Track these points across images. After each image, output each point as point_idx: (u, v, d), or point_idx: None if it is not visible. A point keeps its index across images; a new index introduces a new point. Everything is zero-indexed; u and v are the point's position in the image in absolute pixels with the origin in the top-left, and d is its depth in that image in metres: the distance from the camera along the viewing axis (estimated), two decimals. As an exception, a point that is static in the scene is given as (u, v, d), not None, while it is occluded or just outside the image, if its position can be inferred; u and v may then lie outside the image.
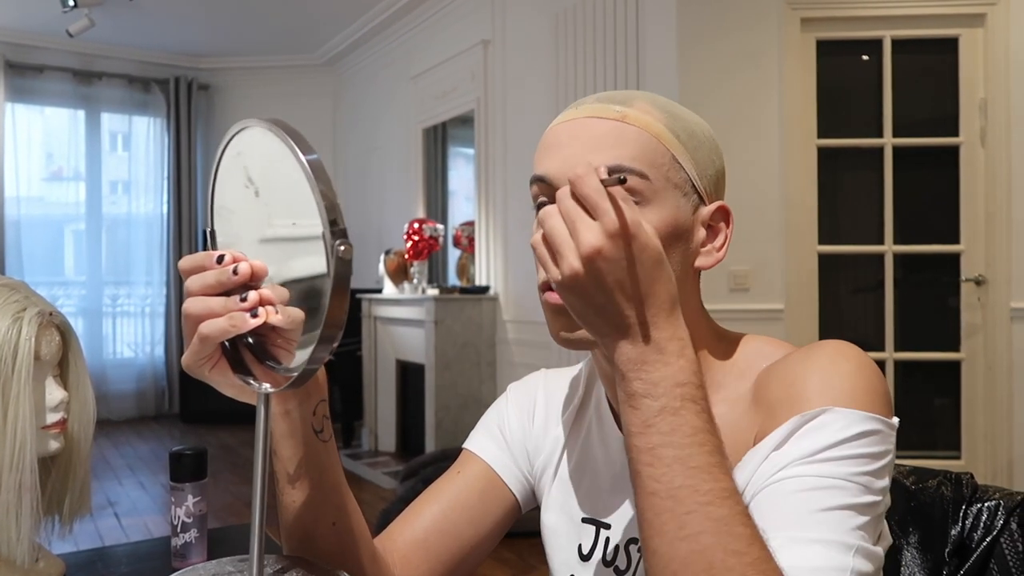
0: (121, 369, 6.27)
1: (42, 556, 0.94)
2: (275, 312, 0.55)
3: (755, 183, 3.12)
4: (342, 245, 0.51)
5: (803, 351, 0.67)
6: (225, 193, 0.61)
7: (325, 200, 0.51)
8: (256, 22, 5.67)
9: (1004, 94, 3.11)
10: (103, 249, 6.25)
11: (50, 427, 0.92)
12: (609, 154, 0.65)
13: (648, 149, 0.66)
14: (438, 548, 0.79)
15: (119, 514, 3.74)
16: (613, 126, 0.66)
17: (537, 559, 2.96)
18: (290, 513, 0.69)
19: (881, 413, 0.60)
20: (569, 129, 0.68)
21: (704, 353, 0.71)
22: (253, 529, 0.58)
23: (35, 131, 6.07)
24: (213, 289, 0.56)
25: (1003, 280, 3.11)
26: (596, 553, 0.75)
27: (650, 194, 0.65)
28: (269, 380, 0.59)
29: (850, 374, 0.62)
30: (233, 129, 0.58)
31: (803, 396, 0.62)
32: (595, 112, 0.68)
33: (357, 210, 6.36)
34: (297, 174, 0.52)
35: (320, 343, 0.53)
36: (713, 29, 3.19)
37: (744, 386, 0.70)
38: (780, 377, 0.65)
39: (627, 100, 0.68)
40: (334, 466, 0.70)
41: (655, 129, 0.66)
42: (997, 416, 3.12)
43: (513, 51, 4.27)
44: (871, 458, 0.58)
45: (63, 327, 0.95)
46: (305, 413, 0.67)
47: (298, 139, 0.53)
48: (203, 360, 0.58)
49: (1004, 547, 0.79)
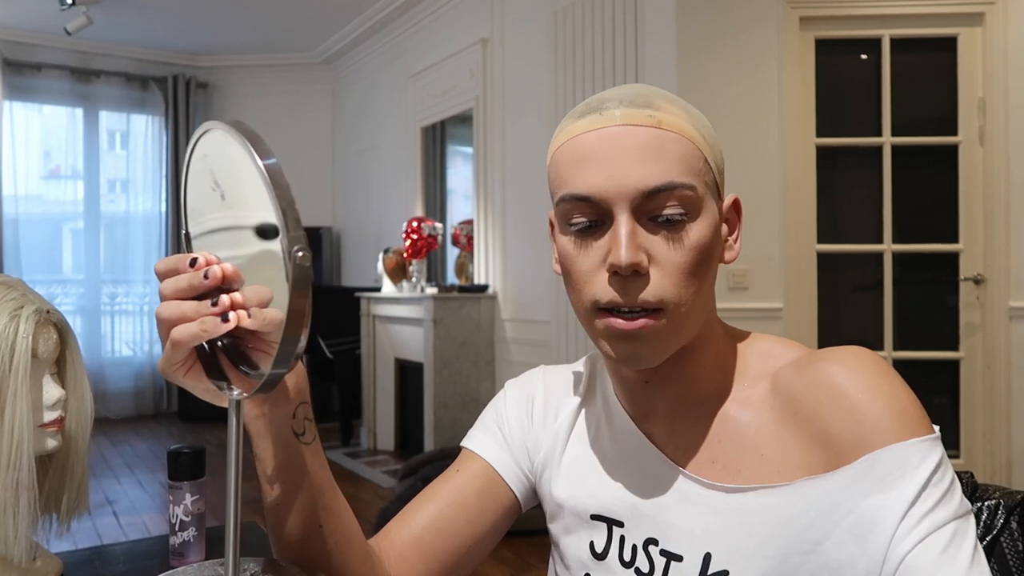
0: (119, 368, 6.27)
1: (40, 555, 0.94)
2: (247, 316, 0.54)
3: (754, 182, 3.11)
4: (300, 251, 0.50)
5: (834, 361, 0.66)
6: (195, 196, 0.61)
7: (282, 205, 0.50)
8: (255, 20, 5.67)
9: (1003, 93, 3.11)
10: (101, 247, 6.24)
11: (47, 425, 0.92)
12: (657, 168, 0.63)
13: (688, 156, 0.65)
14: (435, 548, 0.78)
15: (117, 513, 3.73)
16: (651, 134, 0.64)
17: (536, 558, 2.96)
18: (275, 516, 0.69)
19: (930, 427, 0.63)
20: (603, 140, 0.64)
21: (717, 351, 0.72)
22: (228, 534, 0.58)
23: (33, 129, 6.06)
24: (186, 293, 0.56)
25: (1002, 279, 3.12)
26: (612, 552, 0.74)
27: (698, 203, 0.65)
28: (243, 385, 0.58)
29: (899, 392, 0.63)
30: (198, 131, 0.58)
31: (872, 427, 0.62)
32: (627, 119, 0.64)
33: (356, 209, 6.36)
34: (257, 178, 0.52)
35: (280, 352, 0.52)
36: (712, 28, 3.18)
37: (762, 388, 0.69)
38: (832, 401, 0.64)
39: (651, 102, 0.66)
40: (319, 468, 0.70)
41: (689, 132, 0.65)
42: (996, 415, 3.12)
43: (512, 50, 4.27)
44: (952, 482, 0.62)
45: (60, 325, 0.94)
46: (283, 416, 0.66)
47: (256, 143, 0.52)
48: (177, 365, 0.58)
49: (1004, 546, 0.79)
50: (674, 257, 0.64)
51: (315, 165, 6.70)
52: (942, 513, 0.60)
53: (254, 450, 0.67)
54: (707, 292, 0.68)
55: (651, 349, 0.66)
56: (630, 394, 0.75)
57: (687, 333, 0.67)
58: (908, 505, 0.60)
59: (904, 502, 0.60)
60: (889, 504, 0.61)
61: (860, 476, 0.62)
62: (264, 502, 0.69)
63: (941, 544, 0.59)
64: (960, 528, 0.60)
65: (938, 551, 0.59)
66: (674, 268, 0.64)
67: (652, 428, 0.74)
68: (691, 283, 0.65)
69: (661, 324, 0.64)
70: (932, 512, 0.60)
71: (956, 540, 0.59)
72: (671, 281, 0.64)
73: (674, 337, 0.66)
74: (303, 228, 0.52)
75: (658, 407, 0.73)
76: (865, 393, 0.63)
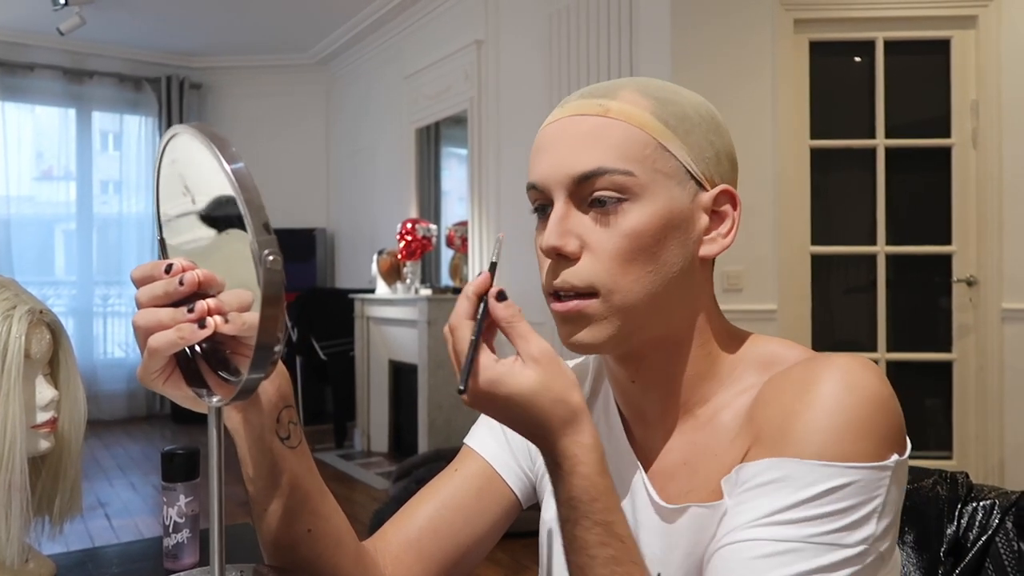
0: (112, 369, 6.24)
1: (32, 557, 0.93)
2: (224, 321, 0.53)
3: (748, 183, 3.11)
4: (270, 255, 0.50)
5: (811, 372, 0.62)
6: (167, 201, 0.60)
7: (250, 209, 0.50)
8: (249, 21, 5.65)
9: (995, 96, 3.12)
10: (94, 249, 6.22)
11: (40, 426, 0.91)
12: (592, 155, 0.64)
13: (632, 142, 0.64)
14: (432, 548, 0.77)
15: (110, 515, 3.71)
16: (595, 123, 0.65)
17: (531, 560, 2.96)
18: (262, 521, 0.69)
19: (874, 456, 0.57)
20: (555, 131, 0.67)
21: (709, 353, 0.69)
22: (212, 541, 0.58)
23: (25, 130, 6.03)
24: (162, 300, 0.55)
25: (994, 281, 3.13)
26: None
27: (637, 189, 0.64)
28: (222, 391, 0.58)
29: (846, 411, 0.58)
30: (166, 136, 0.57)
31: (788, 434, 0.59)
32: (578, 109, 0.67)
33: (350, 210, 6.34)
34: (225, 182, 0.51)
35: (255, 356, 0.52)
36: (706, 30, 3.19)
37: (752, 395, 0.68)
38: (778, 400, 0.62)
39: (612, 91, 0.67)
40: (307, 472, 0.69)
41: (639, 119, 0.65)
42: (988, 416, 3.13)
43: (507, 51, 4.27)
44: (840, 514, 0.56)
45: (54, 325, 0.94)
46: (267, 421, 0.66)
47: (223, 147, 0.52)
48: (155, 374, 0.57)
49: (999, 546, 0.79)
50: (606, 243, 0.64)
51: (309, 166, 6.68)
52: (789, 530, 0.56)
53: (238, 455, 0.67)
54: (673, 284, 0.65)
55: (588, 333, 0.65)
56: (622, 395, 0.74)
57: (636, 323, 0.65)
58: (760, 516, 0.57)
59: (758, 512, 0.57)
60: (744, 511, 0.58)
61: (751, 479, 0.60)
62: (251, 507, 0.68)
63: (765, 551, 0.56)
64: (809, 553, 0.55)
65: (753, 555, 0.56)
66: (605, 253, 0.64)
67: (643, 433, 0.73)
68: (629, 270, 0.64)
69: (594, 307, 0.64)
70: (778, 525, 0.56)
71: (788, 558, 0.55)
72: (603, 266, 0.64)
73: (615, 324, 0.64)
74: (273, 231, 0.51)
75: (649, 411, 0.71)
76: (810, 404, 0.59)
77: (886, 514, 0.58)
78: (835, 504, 0.56)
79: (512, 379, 0.59)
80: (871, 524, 0.57)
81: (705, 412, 0.69)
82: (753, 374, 0.68)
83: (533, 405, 0.59)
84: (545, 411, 0.59)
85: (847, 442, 0.57)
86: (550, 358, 0.60)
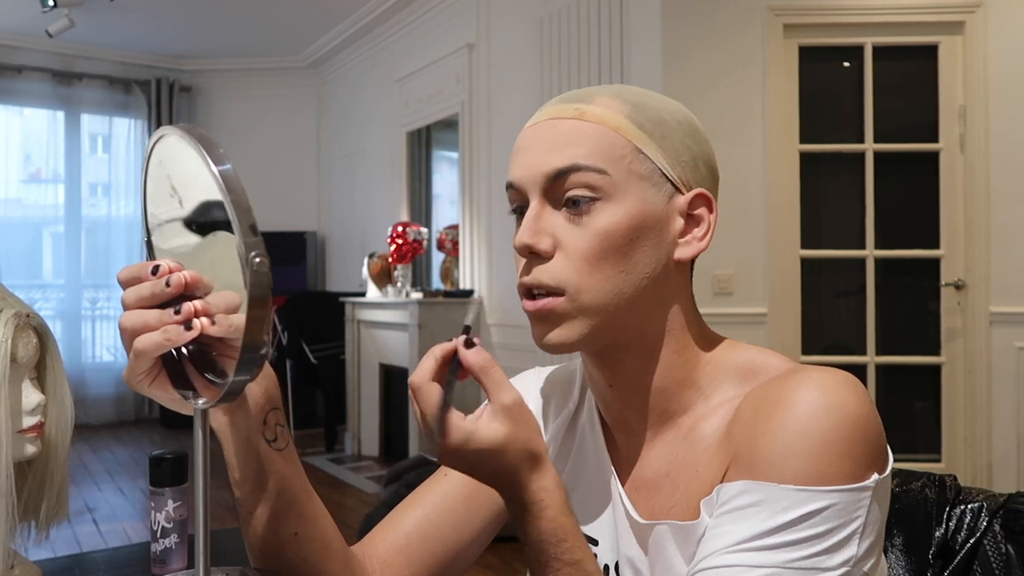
0: (100, 373, 6.20)
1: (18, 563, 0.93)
2: (211, 323, 0.53)
3: (738, 188, 3.13)
4: (257, 257, 0.50)
5: (788, 390, 0.60)
6: (154, 202, 0.60)
7: (237, 211, 0.50)
8: (239, 24, 5.64)
9: (983, 101, 3.14)
10: (82, 252, 6.18)
11: (27, 431, 0.90)
12: (566, 153, 0.65)
13: (606, 143, 0.65)
14: (420, 554, 0.77)
15: (97, 520, 3.69)
16: (571, 125, 0.66)
17: (522, 563, 2.95)
18: (248, 524, 0.68)
19: (852, 477, 0.57)
20: (533, 133, 0.68)
21: (687, 359, 0.68)
22: (197, 545, 0.58)
23: (13, 132, 6.00)
24: (148, 301, 0.55)
25: (982, 284, 3.15)
26: None
27: (611, 189, 0.64)
28: (209, 393, 0.58)
29: (823, 432, 0.57)
30: (153, 137, 0.57)
31: (764, 457, 0.58)
32: (555, 113, 0.68)
33: (341, 213, 6.33)
34: (211, 182, 0.51)
35: (241, 359, 0.52)
36: (697, 35, 3.20)
37: (733, 406, 0.66)
38: (753, 420, 0.61)
39: (588, 96, 0.68)
40: (294, 475, 0.69)
41: (614, 122, 0.65)
42: (977, 419, 3.15)
43: (498, 55, 4.28)
44: (819, 538, 0.55)
45: (40, 329, 0.93)
46: (253, 423, 0.66)
47: (210, 148, 0.51)
48: (141, 376, 0.57)
49: (988, 549, 0.79)
50: (578, 242, 0.64)
51: (300, 169, 6.67)
52: (765, 556, 0.55)
53: (225, 458, 0.67)
54: (645, 286, 0.65)
55: (560, 332, 0.65)
56: (603, 402, 0.74)
57: (607, 322, 0.65)
58: (738, 540, 0.57)
59: (736, 537, 0.57)
60: (721, 534, 0.58)
61: (726, 503, 0.59)
62: (238, 510, 0.68)
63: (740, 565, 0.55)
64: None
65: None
66: (576, 253, 0.64)
67: (626, 442, 0.72)
68: (599, 268, 0.64)
69: (562, 306, 0.64)
70: (754, 551, 0.56)
71: None
72: (573, 266, 0.64)
73: (585, 323, 0.64)
74: (260, 233, 0.51)
75: (630, 417, 0.71)
76: (785, 425, 0.58)
77: (868, 534, 0.57)
78: (814, 528, 0.56)
79: (481, 435, 0.59)
80: (852, 546, 0.56)
81: (685, 422, 0.68)
82: (733, 385, 0.67)
83: (503, 456, 0.60)
84: (512, 461, 0.60)
85: (824, 464, 0.56)
86: (520, 407, 0.60)
